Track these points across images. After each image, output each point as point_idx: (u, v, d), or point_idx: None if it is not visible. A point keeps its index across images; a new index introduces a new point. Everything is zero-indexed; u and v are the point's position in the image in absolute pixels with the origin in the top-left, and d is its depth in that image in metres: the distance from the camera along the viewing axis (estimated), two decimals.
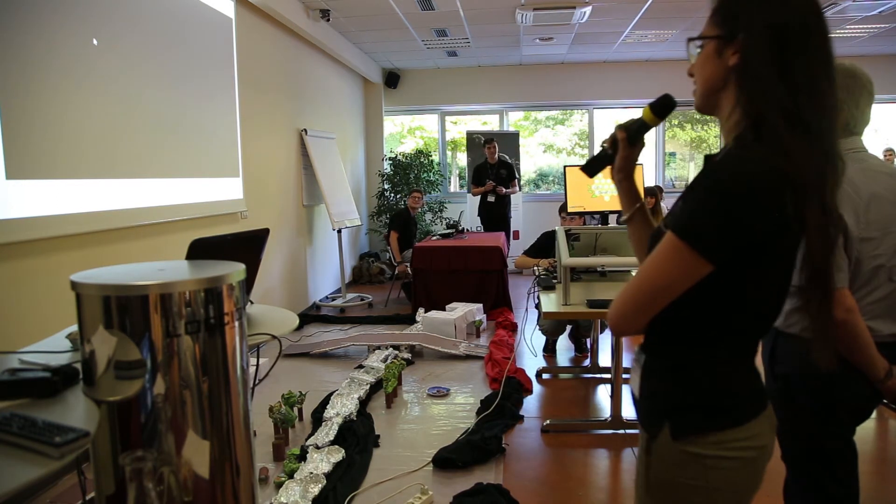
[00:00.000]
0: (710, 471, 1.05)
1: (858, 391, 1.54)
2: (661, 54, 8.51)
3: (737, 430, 1.05)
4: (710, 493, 1.06)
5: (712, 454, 1.04)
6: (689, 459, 1.05)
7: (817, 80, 0.99)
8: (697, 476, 1.05)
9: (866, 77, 1.57)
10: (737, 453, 1.05)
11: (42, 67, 2.76)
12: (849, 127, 1.58)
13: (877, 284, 1.52)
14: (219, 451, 1.36)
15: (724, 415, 1.06)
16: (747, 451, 1.05)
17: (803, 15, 1.02)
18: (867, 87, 1.56)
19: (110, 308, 1.25)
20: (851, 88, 1.55)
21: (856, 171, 1.53)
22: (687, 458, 1.06)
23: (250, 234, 1.96)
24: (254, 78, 5.18)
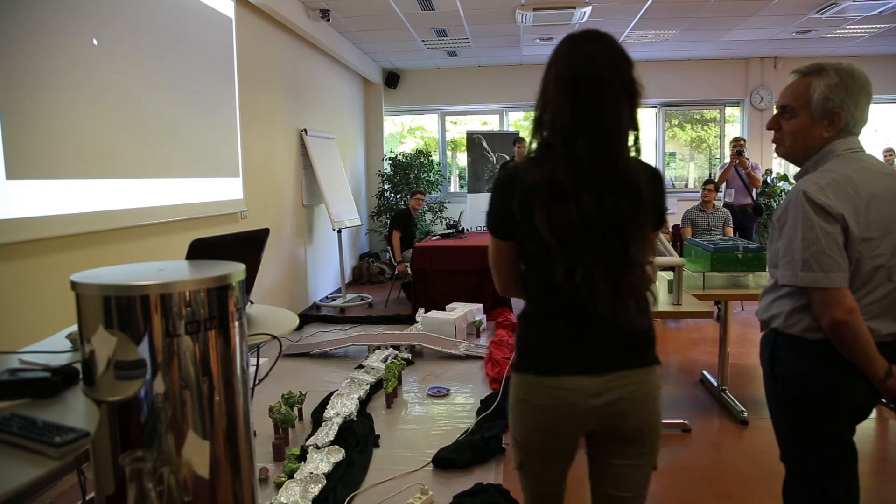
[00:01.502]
0: (512, 399, 1.45)
1: (858, 391, 1.54)
2: (661, 54, 8.52)
3: (519, 375, 1.42)
4: (511, 413, 1.47)
5: (513, 389, 1.44)
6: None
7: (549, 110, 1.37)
8: (510, 399, 1.46)
9: (865, 77, 1.57)
10: (516, 393, 1.43)
11: (42, 67, 2.76)
12: (848, 127, 1.57)
13: (876, 284, 1.52)
14: (219, 451, 1.36)
15: (518, 361, 1.43)
16: (531, 395, 1.39)
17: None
18: (865, 86, 1.56)
19: (110, 308, 1.25)
20: (851, 89, 1.55)
21: (855, 171, 1.52)
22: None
23: (250, 234, 1.96)
24: (254, 78, 5.18)
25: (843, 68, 1.55)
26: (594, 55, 1.31)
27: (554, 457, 1.45)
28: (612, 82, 1.30)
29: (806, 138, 1.59)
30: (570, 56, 1.33)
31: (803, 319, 1.56)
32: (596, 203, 1.28)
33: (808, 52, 8.27)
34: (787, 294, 1.60)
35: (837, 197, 1.48)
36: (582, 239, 1.29)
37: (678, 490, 2.76)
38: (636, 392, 1.38)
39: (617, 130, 1.31)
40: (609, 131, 1.30)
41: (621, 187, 1.29)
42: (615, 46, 1.33)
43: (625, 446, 1.42)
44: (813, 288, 1.50)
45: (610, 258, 1.30)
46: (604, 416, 1.37)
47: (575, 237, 1.29)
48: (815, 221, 1.48)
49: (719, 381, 3.84)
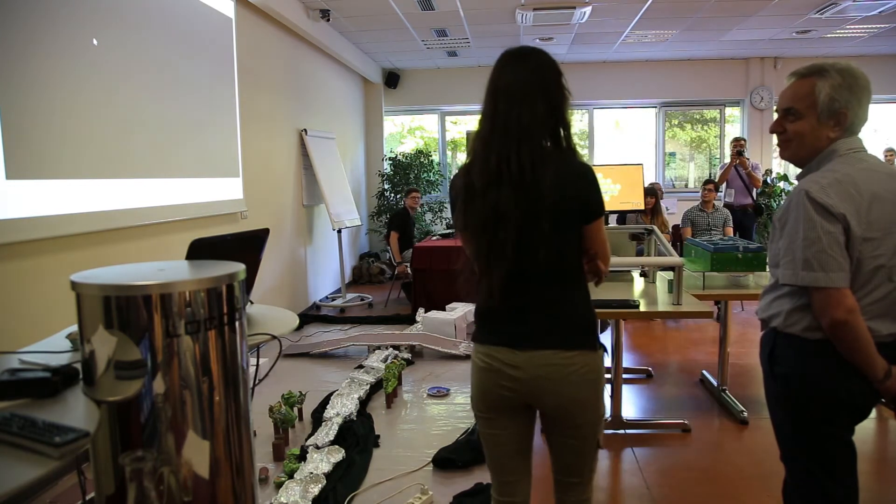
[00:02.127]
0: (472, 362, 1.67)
1: (858, 391, 1.54)
2: (661, 54, 8.52)
3: (474, 345, 1.65)
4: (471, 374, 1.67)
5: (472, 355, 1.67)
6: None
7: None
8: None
9: (865, 76, 1.57)
10: (472, 359, 1.66)
11: (42, 67, 2.76)
12: (852, 127, 1.57)
13: (876, 284, 1.52)
14: (219, 451, 1.36)
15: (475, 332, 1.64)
16: (476, 359, 1.64)
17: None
18: (867, 86, 1.56)
19: (110, 308, 1.25)
20: (854, 88, 1.54)
21: (857, 171, 1.52)
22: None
23: (250, 234, 1.96)
24: (254, 78, 5.18)
25: (844, 68, 1.55)
26: (515, 70, 1.50)
27: (495, 413, 1.64)
28: (527, 91, 1.47)
29: (813, 140, 1.58)
30: (498, 71, 1.53)
31: (803, 319, 1.56)
32: (494, 199, 1.45)
33: (808, 52, 8.27)
34: (788, 293, 1.60)
35: (839, 197, 1.48)
36: (486, 233, 1.47)
37: (678, 490, 2.76)
38: (555, 372, 1.51)
39: (527, 130, 1.45)
40: (517, 131, 1.45)
41: (518, 181, 1.44)
42: (540, 60, 1.51)
43: (551, 422, 1.61)
44: (813, 287, 1.50)
45: (503, 251, 1.46)
46: (519, 385, 1.55)
47: (481, 231, 1.48)
48: (817, 221, 1.47)
49: (719, 381, 3.84)
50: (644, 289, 3.46)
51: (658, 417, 3.56)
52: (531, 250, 1.47)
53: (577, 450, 1.61)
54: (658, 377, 4.24)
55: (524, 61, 1.51)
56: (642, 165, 3.82)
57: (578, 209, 1.50)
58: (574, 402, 1.54)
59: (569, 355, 1.51)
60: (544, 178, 1.44)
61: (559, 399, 1.53)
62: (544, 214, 1.45)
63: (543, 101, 1.47)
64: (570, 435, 1.59)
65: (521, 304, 1.52)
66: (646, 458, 3.07)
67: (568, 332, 1.52)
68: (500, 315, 1.55)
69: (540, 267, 1.49)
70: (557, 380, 1.51)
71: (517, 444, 1.65)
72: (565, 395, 1.53)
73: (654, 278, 3.63)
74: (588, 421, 1.58)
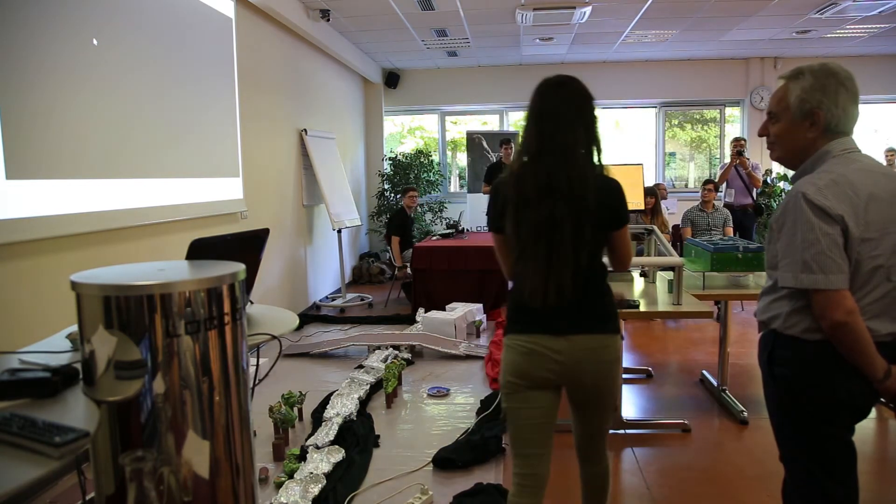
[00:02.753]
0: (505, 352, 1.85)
1: (858, 392, 1.54)
2: (661, 54, 8.52)
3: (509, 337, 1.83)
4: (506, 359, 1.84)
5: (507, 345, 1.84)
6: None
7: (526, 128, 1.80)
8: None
9: (844, 74, 1.56)
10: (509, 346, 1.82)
11: (42, 67, 2.76)
12: (832, 127, 1.56)
13: (875, 284, 1.52)
14: (219, 451, 1.36)
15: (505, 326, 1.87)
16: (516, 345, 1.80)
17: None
18: (845, 83, 1.55)
19: (110, 308, 1.25)
20: (827, 88, 1.55)
21: (853, 171, 1.52)
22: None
23: (250, 234, 1.96)
24: (254, 78, 5.18)
25: (819, 68, 1.57)
26: (557, 96, 1.75)
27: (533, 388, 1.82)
28: (569, 116, 1.73)
29: (792, 140, 1.61)
30: (541, 97, 1.77)
31: (803, 320, 1.56)
32: (549, 207, 1.70)
33: (808, 52, 8.27)
34: (786, 295, 1.59)
35: (836, 198, 1.48)
36: (541, 236, 1.71)
37: (678, 490, 2.76)
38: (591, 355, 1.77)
39: (571, 151, 1.73)
40: (564, 152, 1.72)
41: (568, 194, 1.69)
42: (576, 88, 1.76)
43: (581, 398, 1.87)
44: (813, 290, 1.50)
45: (552, 253, 1.71)
46: (560, 366, 1.76)
47: (535, 235, 1.72)
48: (815, 223, 1.47)
49: (719, 381, 3.84)
50: (644, 289, 3.46)
51: (658, 417, 3.56)
52: (577, 251, 1.71)
53: (604, 416, 1.92)
54: (658, 377, 4.24)
55: (563, 89, 1.76)
56: (642, 165, 3.82)
57: (611, 217, 1.77)
58: (606, 378, 1.81)
59: (602, 338, 1.78)
60: (587, 191, 1.70)
61: (595, 377, 1.79)
62: (588, 221, 1.71)
63: (581, 124, 1.74)
64: (599, 406, 1.88)
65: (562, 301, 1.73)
66: (646, 458, 3.07)
67: (600, 320, 1.79)
68: (537, 309, 1.74)
69: (581, 265, 1.72)
70: (594, 360, 1.77)
71: (547, 420, 1.84)
72: (600, 372, 1.79)
73: (654, 278, 3.63)
74: (613, 393, 1.88)
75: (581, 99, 1.76)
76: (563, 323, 1.75)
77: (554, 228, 1.70)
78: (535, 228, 1.71)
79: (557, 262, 1.70)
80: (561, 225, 1.69)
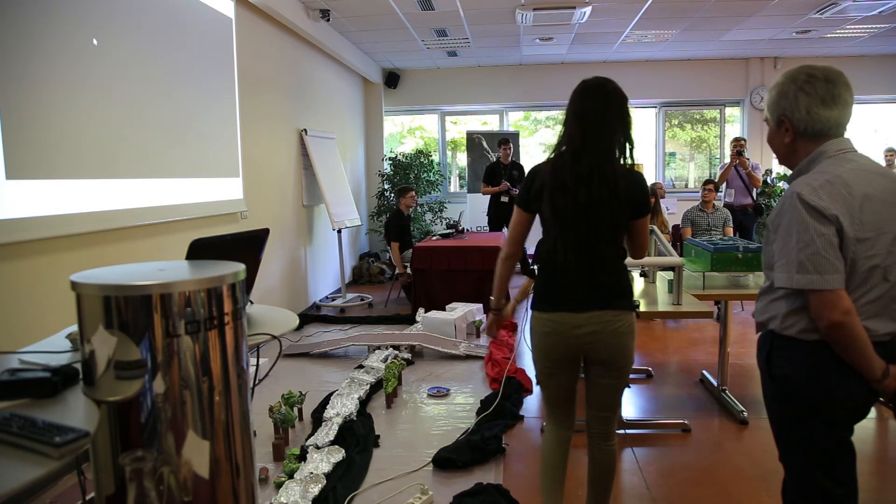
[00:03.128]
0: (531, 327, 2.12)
1: (856, 392, 1.54)
2: (661, 54, 8.52)
3: (535, 313, 2.09)
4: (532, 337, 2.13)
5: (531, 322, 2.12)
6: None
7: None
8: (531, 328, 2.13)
9: (805, 76, 1.56)
10: (534, 325, 2.10)
11: (42, 67, 2.76)
12: (802, 131, 1.58)
13: (872, 284, 1.52)
14: (219, 451, 1.36)
15: (533, 302, 2.11)
16: (539, 326, 2.08)
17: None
18: (804, 87, 1.55)
19: (110, 308, 1.25)
20: (788, 93, 1.58)
21: (847, 171, 1.53)
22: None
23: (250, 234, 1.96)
24: (254, 78, 5.18)
25: (787, 74, 1.60)
26: (598, 97, 1.95)
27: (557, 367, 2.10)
28: (609, 116, 1.94)
29: (776, 146, 1.69)
30: (583, 97, 1.97)
31: (800, 321, 1.56)
32: (587, 194, 1.92)
33: (808, 52, 8.27)
34: (784, 296, 1.60)
35: (831, 198, 1.48)
36: (570, 218, 1.95)
37: (678, 490, 2.76)
38: (607, 327, 1.99)
39: (610, 148, 1.95)
40: (604, 148, 1.94)
41: (605, 184, 1.92)
42: (614, 90, 1.96)
43: (600, 366, 2.06)
44: (809, 290, 1.50)
45: (586, 234, 1.95)
46: (580, 340, 2.01)
47: (569, 217, 1.95)
48: (810, 223, 1.48)
49: (719, 381, 3.84)
50: (644, 289, 3.47)
51: (658, 417, 3.56)
52: (599, 237, 1.96)
53: (616, 388, 2.11)
54: (658, 377, 4.24)
55: (602, 90, 1.96)
56: (642, 165, 3.82)
57: (636, 206, 1.97)
58: (619, 349, 2.02)
59: (617, 314, 2.00)
60: (619, 182, 1.93)
61: (611, 349, 2.01)
62: (619, 208, 1.94)
63: (618, 123, 1.95)
64: (613, 376, 2.07)
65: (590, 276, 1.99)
66: (646, 458, 3.07)
67: (618, 297, 2.01)
68: (563, 287, 2.02)
69: (610, 247, 1.98)
70: (610, 332, 1.99)
71: (570, 387, 2.15)
72: (615, 345, 2.01)
73: (654, 278, 3.63)
74: (626, 364, 2.07)
75: (618, 100, 1.96)
76: (585, 299, 1.99)
77: (591, 213, 1.93)
78: (575, 212, 1.94)
79: (592, 241, 1.95)
80: (598, 210, 1.93)
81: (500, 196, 7.40)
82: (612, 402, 2.14)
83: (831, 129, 1.58)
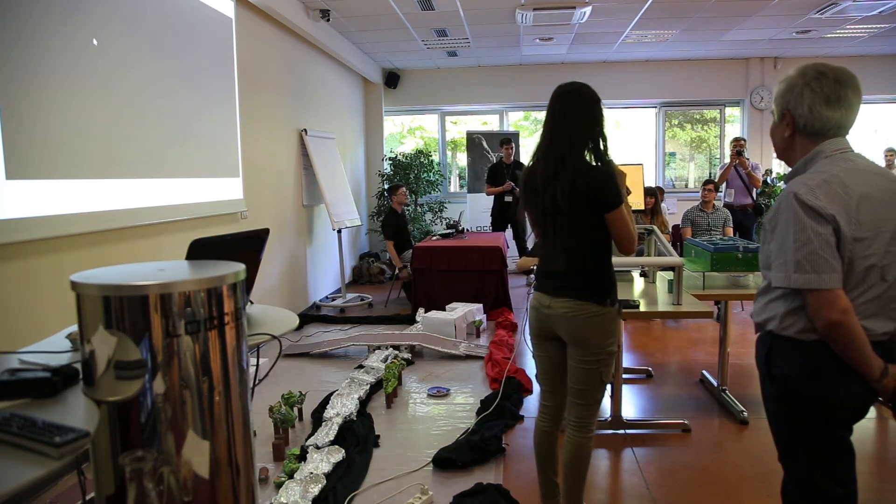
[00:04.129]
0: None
1: (855, 392, 1.54)
2: (661, 54, 8.52)
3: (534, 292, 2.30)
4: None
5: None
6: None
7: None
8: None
9: (813, 74, 1.57)
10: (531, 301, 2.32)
11: (42, 67, 2.76)
12: (802, 127, 1.60)
13: (870, 284, 1.52)
14: (219, 451, 1.36)
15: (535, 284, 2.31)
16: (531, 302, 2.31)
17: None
18: (810, 84, 1.56)
19: (110, 308, 1.25)
20: (795, 89, 1.60)
21: (844, 171, 1.53)
22: None
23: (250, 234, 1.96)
24: (254, 78, 5.18)
25: (798, 70, 1.61)
26: (566, 101, 2.12)
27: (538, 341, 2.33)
28: (572, 117, 2.10)
29: (776, 139, 1.70)
30: (554, 102, 2.14)
31: (798, 321, 1.56)
32: (551, 191, 2.08)
33: (808, 52, 8.27)
34: (781, 296, 1.60)
35: (828, 198, 1.49)
36: (539, 216, 2.16)
37: (678, 490, 2.76)
38: (568, 313, 2.15)
39: (573, 146, 2.09)
40: (567, 146, 2.09)
41: (565, 180, 2.06)
42: (583, 94, 2.13)
43: (571, 348, 2.21)
44: (807, 290, 1.50)
45: (553, 228, 2.12)
46: (549, 319, 2.21)
47: (539, 215, 2.17)
48: (807, 223, 1.48)
49: (719, 381, 3.84)
50: (644, 289, 3.46)
51: (658, 417, 3.56)
52: (572, 228, 2.10)
53: (583, 376, 2.20)
54: (658, 377, 4.24)
55: (572, 95, 2.13)
56: (642, 165, 3.82)
57: (599, 200, 2.06)
58: (579, 336, 2.16)
59: (581, 304, 2.13)
60: (579, 178, 2.05)
61: (571, 332, 2.17)
62: (580, 203, 2.06)
63: (584, 124, 2.10)
64: (578, 360, 2.19)
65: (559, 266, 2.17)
66: (646, 458, 3.07)
67: (582, 287, 2.14)
68: (545, 273, 2.24)
69: (575, 239, 2.11)
70: (571, 318, 2.14)
71: (552, 363, 2.31)
72: (574, 330, 2.16)
73: (654, 278, 3.63)
74: (590, 353, 2.16)
75: (585, 103, 2.11)
76: (555, 286, 2.19)
77: (556, 209, 2.08)
78: (542, 210, 2.12)
79: (560, 235, 2.11)
80: (561, 205, 2.07)
81: (503, 196, 7.40)
82: (582, 390, 2.22)
83: (831, 130, 1.58)
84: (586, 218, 2.09)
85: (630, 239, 2.12)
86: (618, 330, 2.24)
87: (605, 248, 2.17)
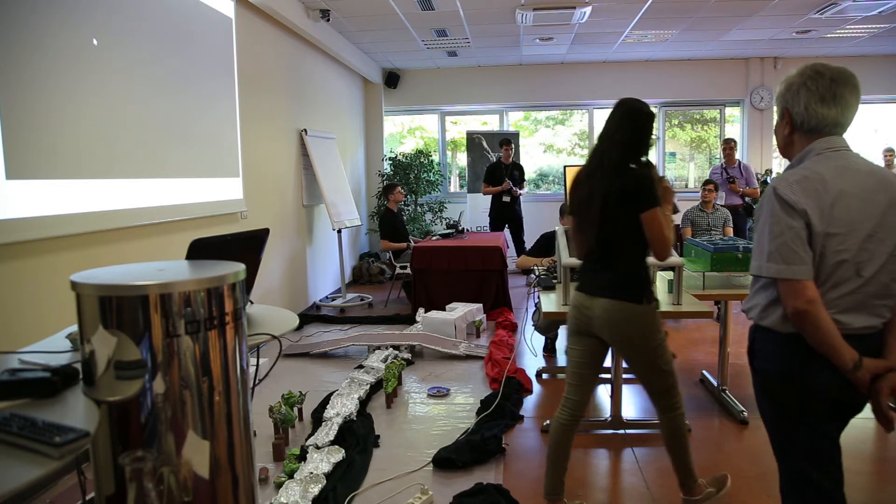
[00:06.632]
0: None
1: (833, 383, 1.57)
2: (661, 54, 8.52)
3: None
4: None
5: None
6: None
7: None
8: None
9: (811, 73, 1.61)
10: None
11: (42, 67, 2.76)
12: (799, 125, 1.64)
13: (844, 278, 1.55)
14: (219, 451, 1.36)
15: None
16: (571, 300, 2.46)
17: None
18: (806, 83, 1.61)
19: (110, 308, 1.25)
20: (792, 88, 1.64)
21: (829, 168, 1.57)
22: None
23: (250, 234, 1.96)
24: (254, 78, 5.18)
25: (798, 69, 1.65)
26: (614, 113, 2.31)
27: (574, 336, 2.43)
28: (621, 124, 2.29)
29: (778, 136, 1.75)
30: (613, 109, 2.33)
31: (775, 312, 1.62)
32: (588, 186, 2.28)
33: (808, 52, 8.27)
34: (763, 286, 1.66)
35: (804, 193, 1.54)
36: (576, 207, 2.33)
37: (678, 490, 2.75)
38: (605, 315, 2.26)
39: (613, 151, 2.27)
40: (606, 151, 2.29)
41: (602, 177, 2.24)
42: (629, 105, 2.32)
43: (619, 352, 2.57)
44: (778, 279, 1.56)
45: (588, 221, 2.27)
46: (589, 320, 2.32)
47: (575, 206, 2.35)
48: (781, 216, 1.54)
49: (719, 381, 3.84)
50: None
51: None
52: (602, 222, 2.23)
53: (643, 373, 2.39)
54: None
55: (620, 106, 2.32)
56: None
57: (631, 198, 2.19)
58: (623, 343, 2.32)
59: (616, 303, 2.24)
60: (614, 176, 2.21)
61: (613, 339, 2.32)
62: (613, 199, 2.19)
63: (625, 132, 2.27)
64: (632, 363, 2.39)
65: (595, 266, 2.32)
66: (646, 458, 3.07)
67: (618, 287, 2.25)
68: (581, 270, 2.40)
69: (605, 234, 2.25)
70: (607, 318, 2.26)
71: (584, 360, 2.41)
72: (616, 337, 2.30)
73: (654, 278, 3.63)
74: (634, 351, 2.34)
75: (629, 113, 2.30)
76: (592, 286, 2.31)
77: (591, 201, 2.24)
78: (580, 201, 2.30)
79: (599, 236, 2.25)
80: (594, 198, 2.23)
81: (501, 196, 7.40)
82: (646, 384, 2.42)
83: (827, 127, 1.62)
84: (620, 215, 2.20)
85: (663, 244, 2.21)
86: (658, 322, 2.32)
87: (639, 248, 2.26)
